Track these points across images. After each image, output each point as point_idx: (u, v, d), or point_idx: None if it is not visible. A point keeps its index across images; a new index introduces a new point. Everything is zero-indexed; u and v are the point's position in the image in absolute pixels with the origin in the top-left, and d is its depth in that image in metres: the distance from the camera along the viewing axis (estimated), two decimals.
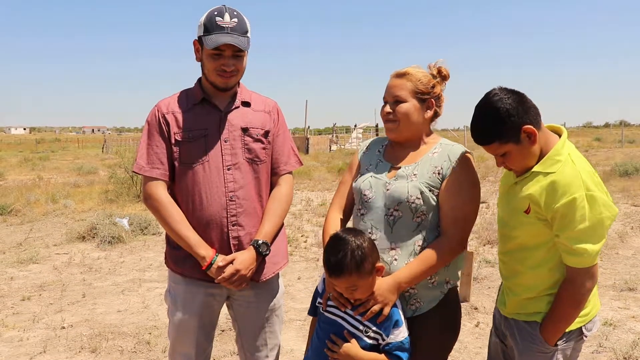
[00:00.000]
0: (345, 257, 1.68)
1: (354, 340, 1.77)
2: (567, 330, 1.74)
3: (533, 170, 1.73)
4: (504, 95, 1.68)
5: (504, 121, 1.66)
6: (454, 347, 1.97)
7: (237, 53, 2.01)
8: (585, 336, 1.80)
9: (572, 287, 1.68)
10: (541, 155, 1.74)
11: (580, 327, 1.77)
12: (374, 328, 1.76)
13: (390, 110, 1.89)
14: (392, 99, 1.90)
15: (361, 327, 1.77)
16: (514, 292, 1.83)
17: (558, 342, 1.75)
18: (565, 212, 1.62)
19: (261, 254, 2.05)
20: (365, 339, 1.76)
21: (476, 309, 4.46)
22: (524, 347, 1.79)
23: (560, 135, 1.79)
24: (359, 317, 1.78)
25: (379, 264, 1.75)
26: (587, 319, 1.78)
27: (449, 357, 1.95)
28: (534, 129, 1.68)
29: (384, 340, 1.76)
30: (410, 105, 1.88)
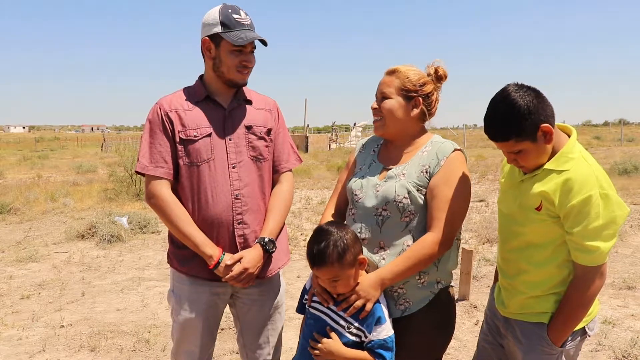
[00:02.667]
0: (327, 248, 1.71)
1: (335, 336, 1.77)
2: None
3: (545, 167, 1.70)
4: (523, 92, 1.64)
5: (524, 118, 1.62)
6: (453, 345, 1.97)
7: (253, 50, 2.05)
8: (588, 335, 1.79)
9: (582, 285, 1.67)
10: (552, 153, 1.72)
11: (584, 327, 1.77)
12: (356, 324, 1.77)
13: (377, 106, 1.92)
14: (380, 95, 1.92)
15: (343, 323, 1.78)
16: (519, 290, 1.81)
17: (564, 345, 1.74)
18: (580, 209, 1.61)
19: (268, 251, 2.05)
20: (347, 335, 1.77)
21: (475, 307, 4.46)
22: (529, 347, 1.77)
23: (569, 135, 1.77)
24: (341, 313, 1.78)
25: (361, 257, 1.77)
26: (589, 319, 1.78)
27: (447, 356, 1.95)
28: (551, 127, 1.65)
29: (366, 337, 1.76)
30: (394, 102, 1.88)
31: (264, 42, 2.04)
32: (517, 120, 1.63)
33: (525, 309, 1.79)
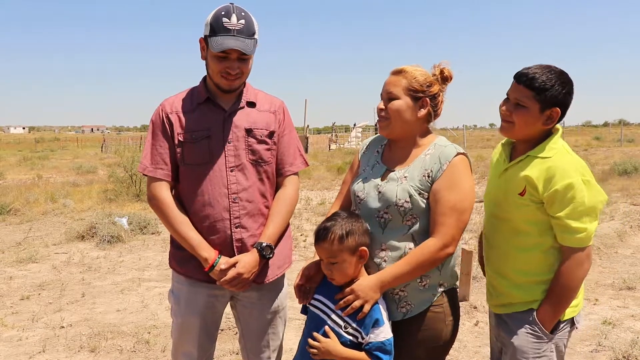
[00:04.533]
0: (334, 226, 1.78)
1: (333, 336, 1.77)
2: (561, 319, 1.79)
3: (529, 154, 1.80)
4: (571, 85, 1.81)
5: (555, 88, 1.75)
6: (453, 346, 1.97)
7: (243, 56, 1.97)
8: (577, 327, 1.86)
9: (570, 267, 1.75)
10: (537, 142, 1.82)
11: (572, 318, 1.84)
12: (354, 325, 1.77)
13: (383, 107, 1.90)
14: (386, 96, 1.89)
15: (341, 323, 1.79)
16: (507, 278, 1.87)
17: (554, 332, 1.79)
18: (565, 194, 1.70)
19: (264, 256, 2.03)
20: (345, 334, 1.77)
21: (475, 307, 4.46)
22: (519, 333, 1.81)
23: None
24: (340, 313, 1.79)
25: (363, 248, 1.78)
26: (577, 310, 1.84)
27: (447, 356, 1.95)
28: (559, 115, 1.78)
29: (363, 338, 1.76)
30: (402, 103, 1.86)
31: (244, 53, 1.93)
32: (553, 83, 1.75)
33: (513, 299, 1.85)
